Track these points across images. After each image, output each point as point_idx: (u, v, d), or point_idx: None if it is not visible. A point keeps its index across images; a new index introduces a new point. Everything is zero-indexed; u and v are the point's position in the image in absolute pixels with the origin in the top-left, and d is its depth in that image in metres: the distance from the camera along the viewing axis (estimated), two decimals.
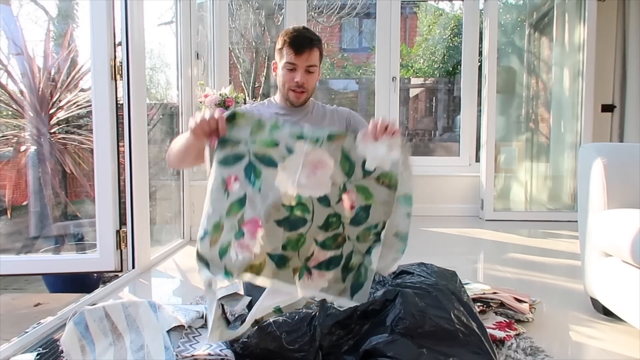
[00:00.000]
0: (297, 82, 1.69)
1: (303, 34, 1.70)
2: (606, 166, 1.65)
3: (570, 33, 4.01)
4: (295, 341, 1.20)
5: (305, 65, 1.68)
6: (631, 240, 1.43)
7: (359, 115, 1.88)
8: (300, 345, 1.20)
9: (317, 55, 1.71)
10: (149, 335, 1.31)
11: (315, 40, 1.70)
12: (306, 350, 1.19)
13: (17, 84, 2.92)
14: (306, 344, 1.19)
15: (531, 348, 1.42)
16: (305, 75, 1.69)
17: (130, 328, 1.32)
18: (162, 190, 3.16)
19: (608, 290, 1.64)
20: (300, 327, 1.21)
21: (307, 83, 1.71)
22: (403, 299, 1.19)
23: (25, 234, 2.84)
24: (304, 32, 1.71)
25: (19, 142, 2.90)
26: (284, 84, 1.73)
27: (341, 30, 8.32)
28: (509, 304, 1.68)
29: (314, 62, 1.70)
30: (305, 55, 1.67)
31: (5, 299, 2.36)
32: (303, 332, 1.21)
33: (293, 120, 1.73)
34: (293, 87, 1.71)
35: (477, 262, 2.78)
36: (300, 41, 1.67)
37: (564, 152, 4.11)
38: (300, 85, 1.70)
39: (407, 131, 6.50)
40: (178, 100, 3.15)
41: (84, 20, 3.16)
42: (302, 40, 1.67)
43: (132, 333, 1.31)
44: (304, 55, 1.66)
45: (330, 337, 1.20)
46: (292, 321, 1.23)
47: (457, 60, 5.95)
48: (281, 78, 1.74)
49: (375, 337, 1.16)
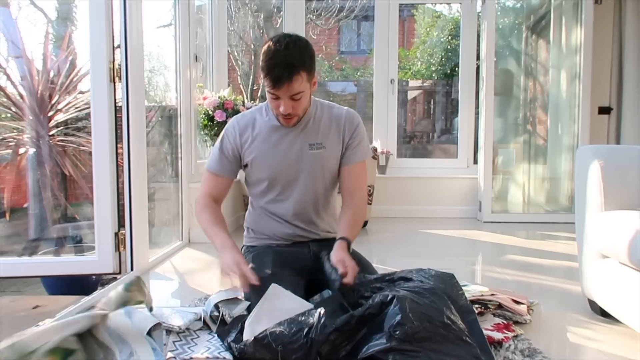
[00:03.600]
0: (282, 111, 1.56)
1: (282, 60, 1.48)
2: (603, 168, 1.66)
3: (567, 36, 4.03)
4: (292, 353, 1.19)
5: (287, 95, 1.53)
6: (628, 242, 1.43)
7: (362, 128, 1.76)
8: (297, 357, 1.19)
9: (302, 81, 1.52)
10: (134, 342, 1.31)
11: (297, 65, 1.49)
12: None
13: (16, 86, 2.91)
14: (302, 357, 1.18)
15: (529, 350, 1.42)
16: (290, 103, 1.55)
17: (115, 340, 1.32)
18: (160, 192, 3.16)
19: (605, 292, 1.65)
20: (297, 339, 1.20)
21: (294, 109, 1.58)
22: (400, 304, 1.18)
23: (24, 237, 2.83)
24: (283, 58, 1.48)
25: (17, 145, 2.89)
26: (272, 109, 1.64)
27: (340, 32, 8.34)
28: (506, 306, 1.69)
29: (297, 90, 1.52)
30: (285, 87, 1.50)
31: (4, 302, 2.36)
32: (300, 344, 1.19)
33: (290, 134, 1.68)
34: (280, 115, 1.60)
35: (475, 264, 2.79)
36: (278, 73, 1.48)
37: (562, 154, 4.12)
38: (287, 114, 1.58)
39: (405, 133, 6.51)
40: (177, 103, 3.15)
41: (83, 22, 3.16)
42: (279, 72, 1.48)
43: (119, 343, 1.32)
44: (282, 88, 1.51)
45: (328, 345, 1.19)
46: (289, 333, 1.21)
47: (455, 63, 5.97)
48: (268, 101, 1.62)
49: (373, 345, 1.16)
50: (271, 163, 1.70)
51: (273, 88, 1.52)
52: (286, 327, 1.24)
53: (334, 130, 1.73)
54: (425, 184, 4.09)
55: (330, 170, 1.76)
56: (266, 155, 1.71)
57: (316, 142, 1.71)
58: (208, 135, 3.29)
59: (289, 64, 1.49)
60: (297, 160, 1.70)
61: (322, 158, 1.72)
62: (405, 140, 6.46)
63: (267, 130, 1.71)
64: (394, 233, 3.53)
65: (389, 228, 3.65)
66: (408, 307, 1.17)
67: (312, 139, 1.71)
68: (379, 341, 1.15)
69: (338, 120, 1.74)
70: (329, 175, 1.76)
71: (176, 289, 2.28)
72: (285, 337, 1.21)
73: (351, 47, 8.71)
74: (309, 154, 1.70)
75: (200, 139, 3.35)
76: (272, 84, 1.51)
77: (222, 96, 3.27)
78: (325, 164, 1.73)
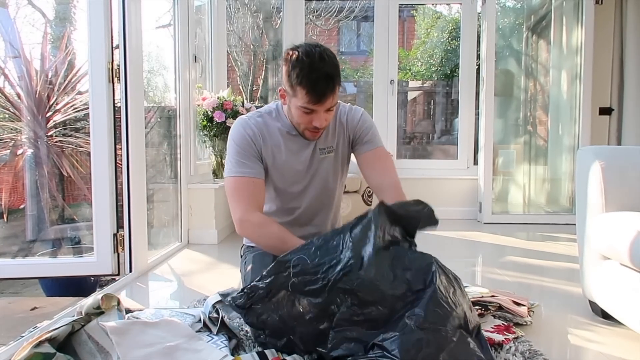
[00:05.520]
0: (317, 125, 1.49)
1: (324, 74, 1.39)
2: (604, 169, 1.65)
3: (568, 36, 4.02)
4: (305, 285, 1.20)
5: (325, 108, 1.46)
6: (629, 243, 1.43)
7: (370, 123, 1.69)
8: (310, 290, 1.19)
9: (338, 92, 1.45)
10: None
11: (336, 77, 1.42)
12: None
13: (14, 87, 2.91)
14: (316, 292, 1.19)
15: (529, 351, 1.41)
16: (324, 116, 1.48)
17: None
18: (159, 193, 3.15)
19: (606, 293, 1.63)
20: (315, 272, 1.21)
21: (327, 121, 1.52)
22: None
23: (22, 238, 2.83)
24: (325, 71, 1.40)
25: (15, 145, 2.89)
26: (299, 124, 1.54)
27: (339, 33, 8.34)
28: (507, 307, 1.68)
29: (335, 102, 1.47)
30: (328, 101, 1.44)
31: (2, 303, 2.35)
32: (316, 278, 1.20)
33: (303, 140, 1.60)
34: (310, 128, 1.52)
35: (475, 265, 2.78)
36: (322, 88, 1.40)
37: (562, 154, 4.11)
38: (319, 127, 1.51)
39: (405, 134, 6.50)
40: (176, 103, 3.15)
41: (81, 22, 3.16)
42: (323, 87, 1.40)
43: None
44: (326, 102, 1.44)
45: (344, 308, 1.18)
46: (310, 263, 1.21)
47: (455, 63, 5.97)
48: (295, 117, 1.53)
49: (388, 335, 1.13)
50: (284, 171, 1.64)
51: (315, 104, 1.43)
52: (311, 255, 1.23)
53: (342, 130, 1.69)
54: (425, 185, 4.07)
55: (337, 172, 1.73)
56: (280, 164, 1.63)
57: (326, 146, 1.66)
58: (207, 136, 3.28)
59: (330, 75, 1.41)
60: (309, 167, 1.66)
61: (331, 161, 1.69)
62: (405, 141, 6.46)
63: (282, 137, 1.63)
64: None
65: None
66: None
67: (322, 143, 1.66)
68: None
69: (343, 119, 1.69)
70: (337, 178, 1.74)
71: (175, 290, 2.27)
72: (306, 265, 1.21)
73: (351, 48, 8.71)
74: (319, 159, 1.66)
75: (199, 139, 3.34)
76: (316, 99, 1.42)
77: (222, 97, 3.26)
78: (334, 167, 1.70)
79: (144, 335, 1.31)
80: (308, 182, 1.68)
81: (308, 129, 1.54)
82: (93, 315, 1.36)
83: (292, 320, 1.24)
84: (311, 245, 1.26)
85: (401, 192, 1.61)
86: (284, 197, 1.70)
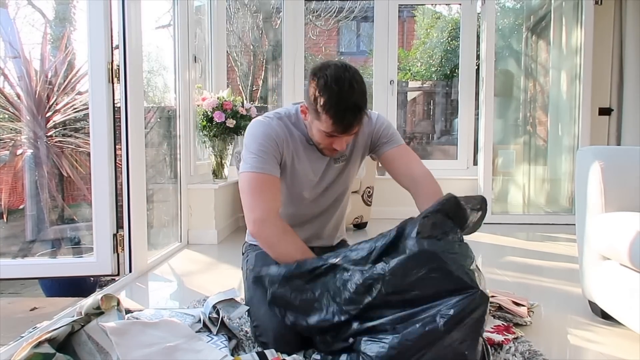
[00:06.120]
0: (338, 149, 1.47)
1: (353, 104, 1.36)
2: (604, 169, 1.65)
3: (568, 36, 4.02)
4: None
5: (349, 136, 1.45)
6: (629, 243, 1.43)
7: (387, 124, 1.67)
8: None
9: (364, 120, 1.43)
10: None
11: (363, 107, 1.39)
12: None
13: (13, 87, 2.91)
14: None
15: (529, 352, 1.41)
16: (347, 139, 1.47)
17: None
18: (159, 194, 3.15)
19: (606, 294, 1.64)
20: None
21: (347, 143, 1.51)
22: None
23: (22, 238, 2.82)
24: (354, 101, 1.36)
25: (15, 146, 2.89)
26: (318, 143, 1.51)
27: (339, 33, 8.33)
28: (507, 308, 1.68)
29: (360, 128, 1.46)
30: (354, 130, 1.42)
31: (2, 304, 2.35)
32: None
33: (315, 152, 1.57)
34: (329, 149, 1.50)
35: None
36: (349, 119, 1.37)
37: (562, 155, 4.11)
38: (338, 150, 1.49)
39: (405, 134, 6.51)
40: (175, 104, 3.15)
41: (81, 23, 3.15)
42: (351, 119, 1.37)
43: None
44: (353, 132, 1.42)
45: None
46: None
47: (455, 64, 5.96)
48: (315, 136, 1.50)
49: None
50: (298, 177, 1.62)
51: (341, 134, 1.41)
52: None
53: (354, 139, 1.64)
54: None
55: (349, 180, 1.72)
56: (296, 169, 1.60)
57: (341, 156, 1.64)
58: (207, 136, 3.28)
59: (358, 107, 1.38)
60: (322, 177, 1.64)
61: (343, 171, 1.68)
62: (405, 141, 6.41)
63: (301, 143, 1.59)
64: None
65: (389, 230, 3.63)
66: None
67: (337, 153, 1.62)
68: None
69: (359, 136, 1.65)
70: (347, 184, 1.73)
71: (175, 290, 2.27)
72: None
73: (351, 48, 8.70)
74: (332, 168, 1.65)
75: (199, 140, 3.34)
76: (342, 130, 1.40)
77: (221, 97, 3.26)
78: (345, 175, 1.69)
79: (144, 336, 1.31)
80: (320, 191, 1.66)
81: (327, 149, 1.52)
82: (93, 315, 1.36)
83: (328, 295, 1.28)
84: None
85: (434, 180, 1.60)
86: (292, 203, 1.67)
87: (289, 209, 1.67)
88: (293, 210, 1.68)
